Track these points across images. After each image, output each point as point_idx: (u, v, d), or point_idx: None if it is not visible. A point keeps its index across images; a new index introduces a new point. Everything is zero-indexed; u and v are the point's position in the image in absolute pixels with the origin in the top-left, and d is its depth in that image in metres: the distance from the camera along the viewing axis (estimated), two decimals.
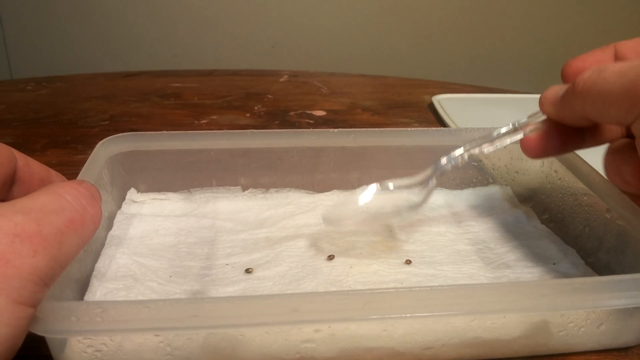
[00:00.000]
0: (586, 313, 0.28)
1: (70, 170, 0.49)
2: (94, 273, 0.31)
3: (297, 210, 0.39)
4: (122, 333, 0.25)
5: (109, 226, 0.36)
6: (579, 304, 0.26)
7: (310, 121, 0.65)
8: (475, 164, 0.43)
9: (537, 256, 0.35)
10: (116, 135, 0.38)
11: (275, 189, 0.41)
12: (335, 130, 0.40)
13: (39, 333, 0.22)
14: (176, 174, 0.40)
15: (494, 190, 0.43)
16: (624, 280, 0.26)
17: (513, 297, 0.25)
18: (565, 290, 0.25)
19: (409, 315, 0.24)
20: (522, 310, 0.26)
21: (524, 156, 0.41)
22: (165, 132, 0.39)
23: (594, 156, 0.41)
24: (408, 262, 0.34)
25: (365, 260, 0.34)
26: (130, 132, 0.38)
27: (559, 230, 0.38)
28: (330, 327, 0.26)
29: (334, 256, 0.34)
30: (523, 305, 0.25)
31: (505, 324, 0.27)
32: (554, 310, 0.27)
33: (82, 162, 0.35)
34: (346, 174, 0.42)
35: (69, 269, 0.22)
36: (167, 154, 0.39)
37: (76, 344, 0.25)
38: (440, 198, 0.42)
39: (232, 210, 0.39)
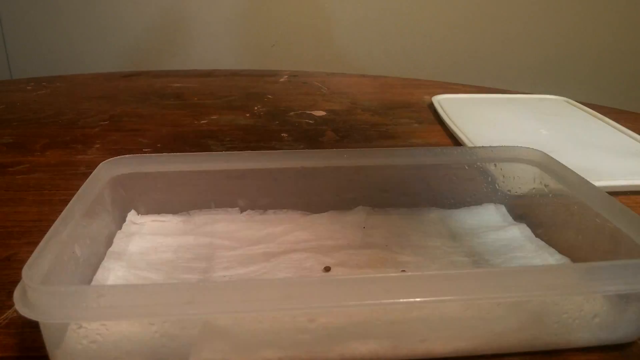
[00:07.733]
0: (579, 303, 0.28)
1: (69, 171, 0.49)
2: (92, 284, 0.32)
3: (295, 228, 0.40)
4: (118, 318, 0.25)
5: (109, 244, 0.36)
6: (570, 289, 0.26)
7: (310, 121, 0.65)
8: (469, 182, 0.43)
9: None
10: (116, 157, 0.38)
11: (273, 211, 0.42)
12: (330, 150, 0.41)
13: (35, 318, 0.22)
14: (175, 196, 0.40)
15: (488, 209, 0.43)
16: (615, 266, 0.26)
17: (505, 282, 0.25)
18: (555, 275, 0.26)
19: (402, 300, 0.24)
20: (514, 295, 0.26)
21: (516, 174, 0.42)
22: (164, 154, 0.40)
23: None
24: (403, 272, 0.34)
25: (361, 271, 0.35)
26: (129, 155, 0.39)
27: (554, 242, 0.38)
28: (324, 318, 0.26)
29: (330, 268, 0.35)
30: (515, 291, 0.25)
31: (500, 315, 0.28)
32: (545, 293, 0.27)
33: (82, 163, 0.35)
34: (342, 194, 0.42)
35: (66, 278, 0.22)
36: (166, 175, 0.39)
37: (72, 333, 0.25)
38: (435, 216, 0.42)
39: (230, 230, 0.40)
